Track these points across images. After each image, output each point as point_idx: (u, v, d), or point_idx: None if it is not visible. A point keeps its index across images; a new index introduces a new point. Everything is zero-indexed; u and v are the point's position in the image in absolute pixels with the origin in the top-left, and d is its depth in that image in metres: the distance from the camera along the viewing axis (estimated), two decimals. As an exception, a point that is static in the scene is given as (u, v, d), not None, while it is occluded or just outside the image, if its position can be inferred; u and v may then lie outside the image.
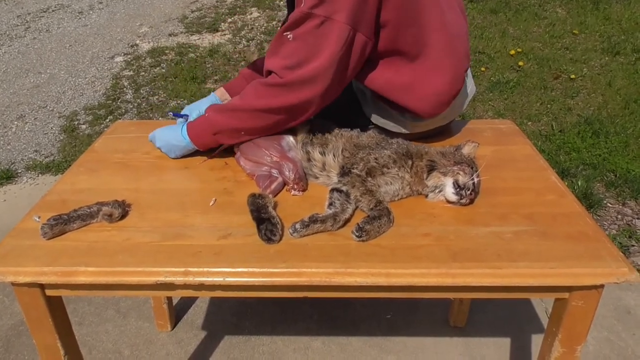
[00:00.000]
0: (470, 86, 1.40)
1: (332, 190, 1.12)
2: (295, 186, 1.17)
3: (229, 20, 5.22)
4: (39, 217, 1.08)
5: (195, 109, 1.37)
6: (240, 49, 4.47)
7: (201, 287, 0.96)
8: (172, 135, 1.30)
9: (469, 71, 1.36)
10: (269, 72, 1.18)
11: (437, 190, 1.12)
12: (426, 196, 1.14)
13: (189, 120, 1.32)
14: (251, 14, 5.37)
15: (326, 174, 1.20)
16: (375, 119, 1.34)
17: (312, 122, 1.25)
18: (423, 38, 1.18)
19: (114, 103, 3.63)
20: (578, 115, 3.17)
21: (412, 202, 1.13)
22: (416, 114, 1.27)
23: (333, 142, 1.23)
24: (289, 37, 1.14)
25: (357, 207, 1.09)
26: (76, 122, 3.39)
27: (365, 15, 1.11)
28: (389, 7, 1.13)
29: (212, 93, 1.47)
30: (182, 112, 1.39)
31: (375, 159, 1.13)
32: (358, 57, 1.15)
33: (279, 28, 1.17)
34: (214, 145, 1.28)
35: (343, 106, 1.21)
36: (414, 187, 1.14)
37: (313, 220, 1.02)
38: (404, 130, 1.33)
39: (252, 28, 4.96)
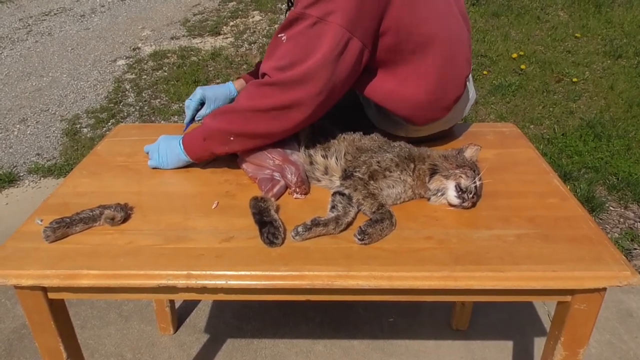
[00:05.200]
0: (472, 92, 1.40)
1: (335, 193, 1.12)
2: (298, 189, 1.17)
3: (231, 23, 5.23)
4: (42, 220, 1.08)
5: (212, 96, 1.36)
6: (242, 52, 4.48)
7: (203, 290, 0.96)
8: (170, 143, 1.27)
9: (470, 77, 1.36)
10: (263, 75, 1.16)
11: (439, 194, 1.12)
12: (428, 199, 1.14)
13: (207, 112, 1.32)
14: (253, 17, 5.38)
15: (328, 177, 1.20)
16: (378, 123, 1.35)
17: (314, 125, 1.25)
18: (422, 47, 1.17)
19: (116, 106, 3.64)
20: (580, 118, 3.17)
21: (415, 205, 1.13)
22: (417, 122, 1.27)
23: (335, 146, 1.24)
24: (282, 38, 1.12)
25: (359, 211, 1.09)
26: (78, 126, 3.39)
27: (363, 21, 1.08)
28: (389, 15, 1.11)
29: (229, 82, 1.43)
30: (193, 96, 1.37)
31: (378, 162, 1.13)
32: (353, 63, 1.11)
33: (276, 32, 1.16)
34: (205, 155, 1.24)
35: (346, 110, 1.20)
36: (416, 191, 1.14)
37: (315, 223, 1.02)
38: (406, 135, 1.33)
39: (254, 31, 4.97)
